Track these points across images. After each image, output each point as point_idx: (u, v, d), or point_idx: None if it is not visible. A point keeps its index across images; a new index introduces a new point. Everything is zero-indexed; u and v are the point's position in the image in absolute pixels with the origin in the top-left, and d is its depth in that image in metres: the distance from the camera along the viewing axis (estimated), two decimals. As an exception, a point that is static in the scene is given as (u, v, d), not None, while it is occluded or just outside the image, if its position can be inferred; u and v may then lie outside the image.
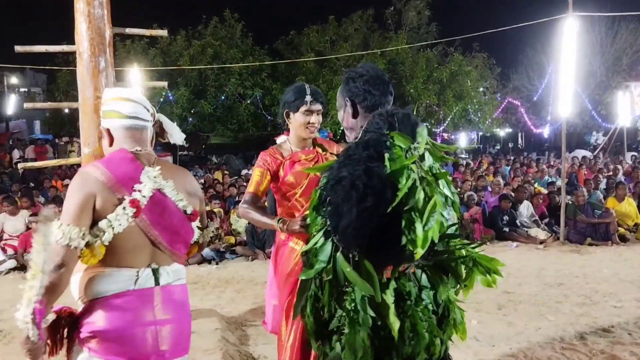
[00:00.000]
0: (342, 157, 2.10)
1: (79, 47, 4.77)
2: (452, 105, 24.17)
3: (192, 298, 6.07)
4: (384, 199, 1.93)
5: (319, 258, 2.06)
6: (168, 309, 2.12)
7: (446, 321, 2.22)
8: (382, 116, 2.18)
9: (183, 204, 2.19)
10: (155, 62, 20.24)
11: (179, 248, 2.21)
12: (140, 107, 2.22)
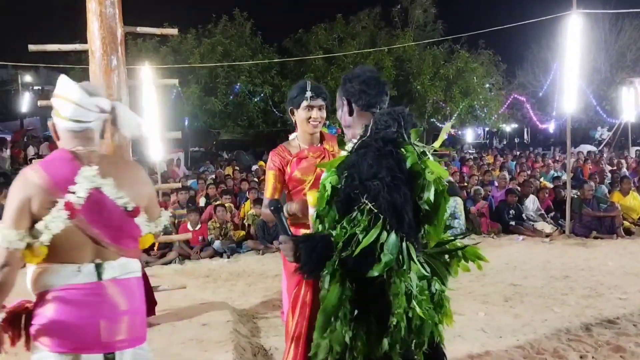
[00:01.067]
0: (365, 153, 2.16)
1: (91, 46, 4.85)
2: (458, 102, 24.29)
3: (204, 291, 6.36)
4: (412, 190, 2.11)
5: (387, 252, 2.03)
6: (113, 301, 2.13)
7: (439, 310, 2.27)
8: (391, 115, 2.26)
9: (123, 201, 2.18)
10: (167, 60, 20.35)
11: (126, 243, 2.21)
12: (81, 109, 2.15)
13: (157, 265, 7.99)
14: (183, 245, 8.42)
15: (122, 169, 2.27)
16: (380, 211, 2.05)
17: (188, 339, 4.74)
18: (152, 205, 2.36)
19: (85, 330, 2.09)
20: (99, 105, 2.19)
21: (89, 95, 2.17)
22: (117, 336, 2.13)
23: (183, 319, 5.30)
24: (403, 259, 2.06)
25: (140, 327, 2.25)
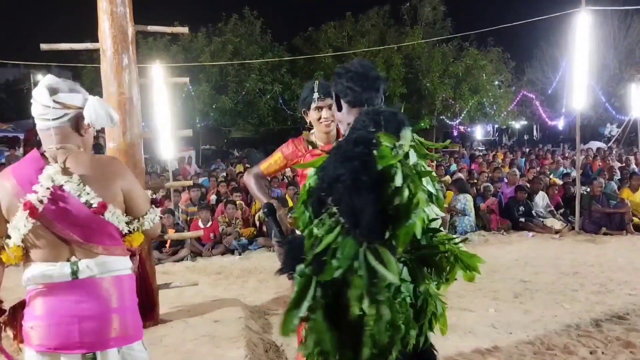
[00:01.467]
0: (334, 155, 2.12)
1: (102, 45, 4.83)
2: (467, 99, 24.30)
3: (216, 288, 6.41)
4: (380, 193, 2.02)
5: (340, 256, 1.99)
6: (89, 301, 2.11)
7: (423, 314, 2.21)
8: (369, 114, 2.19)
9: (86, 198, 2.11)
10: (177, 58, 20.48)
11: (100, 241, 2.16)
12: (43, 108, 2.14)
13: (169, 262, 8.06)
14: (195, 243, 8.48)
15: (91, 165, 2.17)
16: (341, 214, 2.01)
17: (200, 335, 4.79)
18: (132, 200, 2.24)
19: (62, 329, 2.09)
20: (61, 102, 2.15)
21: (52, 94, 2.14)
22: (97, 335, 2.11)
23: (195, 316, 5.35)
24: (359, 264, 1.99)
25: (127, 326, 2.19)
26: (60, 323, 2.09)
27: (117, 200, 2.17)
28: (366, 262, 1.99)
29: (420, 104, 24.62)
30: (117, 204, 2.17)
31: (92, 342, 2.10)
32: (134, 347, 2.21)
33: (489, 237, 9.36)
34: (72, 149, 2.18)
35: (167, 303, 5.55)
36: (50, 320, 2.09)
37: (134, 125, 4.89)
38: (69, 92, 2.17)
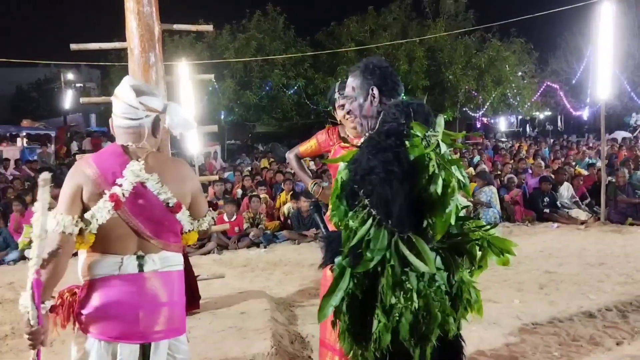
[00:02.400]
0: (366, 148, 2.15)
1: (130, 44, 4.91)
2: (490, 90, 24.09)
3: (242, 280, 6.52)
4: (414, 183, 2.04)
5: (373, 248, 2.05)
6: (153, 293, 2.21)
7: (459, 301, 2.23)
8: (399, 107, 2.21)
9: (165, 197, 2.23)
10: (202, 55, 20.64)
11: (166, 237, 2.27)
12: (130, 108, 2.24)
13: (196, 255, 8.17)
14: (221, 236, 8.60)
15: (168, 166, 2.32)
16: (372, 206, 2.07)
17: (227, 326, 4.86)
18: (197, 203, 2.39)
19: (125, 319, 2.18)
20: (147, 105, 2.26)
21: (137, 95, 2.24)
22: (155, 327, 2.21)
23: (222, 308, 5.44)
24: (391, 254, 2.05)
25: (178, 319, 2.30)
26: (123, 314, 2.18)
27: (186, 201, 2.34)
28: (398, 253, 2.05)
29: (443, 96, 24.49)
30: (186, 205, 2.34)
31: (150, 333, 2.20)
32: (181, 340, 2.33)
33: (513, 229, 9.31)
34: (149, 148, 2.31)
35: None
36: (113, 311, 2.17)
37: (162, 122, 5.00)
38: (154, 96, 2.31)
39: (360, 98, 2.44)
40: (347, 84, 2.51)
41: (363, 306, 2.16)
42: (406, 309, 2.05)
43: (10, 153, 17.98)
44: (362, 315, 2.17)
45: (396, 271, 2.05)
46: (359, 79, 2.45)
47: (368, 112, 2.42)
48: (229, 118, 23.83)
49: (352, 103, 2.48)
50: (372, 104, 2.41)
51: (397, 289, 2.06)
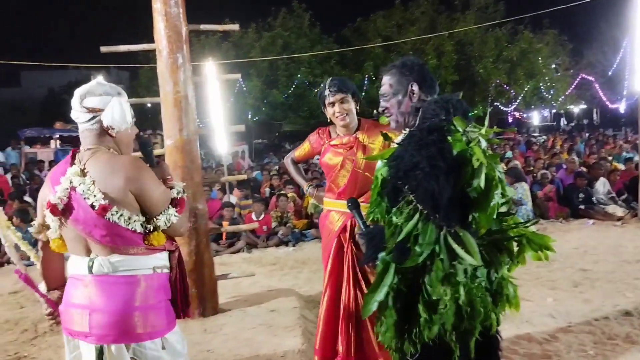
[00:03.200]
0: (408, 144, 2.16)
1: (158, 45, 4.95)
2: (523, 84, 23.74)
3: (272, 279, 6.54)
4: (458, 177, 2.08)
5: (422, 242, 2.07)
6: (99, 296, 2.20)
7: (499, 297, 2.24)
8: (438, 103, 2.24)
9: (91, 200, 2.16)
10: (229, 55, 20.79)
11: (112, 241, 2.21)
12: (74, 112, 2.28)
13: (226, 254, 8.26)
14: (250, 235, 8.66)
15: (105, 166, 2.21)
16: (418, 201, 2.08)
17: (258, 324, 4.92)
18: (143, 200, 2.23)
19: (77, 318, 2.23)
20: (88, 107, 2.24)
21: (82, 98, 2.25)
22: (103, 329, 2.19)
23: (252, 305, 5.49)
24: (440, 248, 2.06)
25: (130, 324, 2.22)
26: (76, 312, 2.23)
27: (125, 201, 2.18)
28: (447, 246, 2.06)
29: (473, 91, 24.21)
30: (127, 205, 2.19)
31: (100, 335, 2.20)
32: (146, 346, 2.24)
33: (547, 226, 9.14)
34: (100, 149, 2.26)
35: (226, 293, 5.71)
36: (69, 308, 2.26)
37: (190, 122, 5.03)
38: (98, 95, 2.24)
39: (399, 94, 2.47)
40: (383, 82, 2.53)
41: (407, 300, 2.18)
42: (452, 302, 2.07)
43: (44, 155, 18.35)
44: (407, 309, 2.19)
45: (445, 265, 2.06)
46: (396, 76, 2.48)
47: (407, 109, 2.46)
48: (256, 117, 23.94)
49: (390, 100, 2.50)
50: (412, 100, 2.45)
51: (445, 282, 2.08)
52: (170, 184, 2.38)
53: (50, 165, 16.21)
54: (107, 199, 2.16)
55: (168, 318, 2.32)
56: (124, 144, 2.34)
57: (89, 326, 2.20)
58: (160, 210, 2.24)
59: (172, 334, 2.32)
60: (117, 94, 2.27)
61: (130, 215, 2.19)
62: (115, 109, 2.24)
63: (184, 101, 4.98)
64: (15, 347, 4.73)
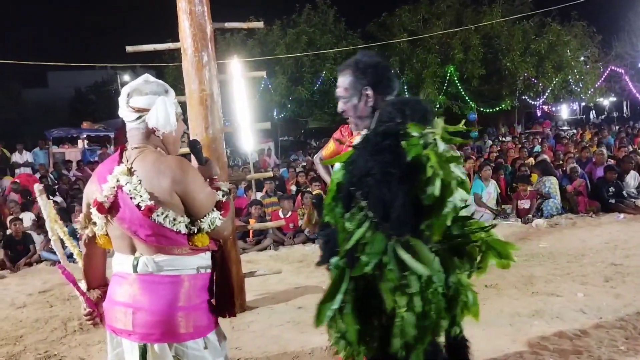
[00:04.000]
0: (362, 148, 2.14)
1: (183, 44, 5.01)
2: (551, 77, 23.33)
3: (299, 276, 6.57)
4: (412, 184, 2.02)
5: (369, 251, 2.04)
6: (143, 295, 2.21)
7: (454, 303, 2.17)
8: (395, 105, 2.19)
9: (137, 200, 2.16)
10: (253, 52, 20.87)
11: (157, 241, 2.21)
12: (122, 110, 2.28)
13: (253, 251, 8.33)
14: (277, 232, 8.71)
15: (152, 166, 2.21)
16: (370, 208, 2.05)
17: (285, 321, 4.96)
18: (188, 203, 2.21)
19: (121, 315, 2.24)
20: (134, 106, 2.25)
21: (129, 97, 2.26)
22: (146, 328, 2.20)
23: (280, 302, 5.54)
24: (389, 258, 2.02)
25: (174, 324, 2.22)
26: (120, 310, 2.24)
27: (171, 202, 2.18)
28: (396, 256, 2.02)
29: (501, 85, 23.88)
30: (172, 206, 2.18)
31: (144, 334, 2.21)
32: (188, 345, 2.24)
33: (577, 220, 9.04)
34: (147, 148, 2.26)
35: (253, 290, 5.76)
36: (114, 306, 2.27)
37: (216, 120, 5.07)
38: (144, 95, 2.24)
39: (354, 98, 2.40)
40: (338, 84, 2.47)
41: (368, 308, 2.14)
42: (408, 313, 2.02)
43: (72, 155, 18.67)
44: (370, 319, 2.16)
45: (395, 275, 2.01)
46: (350, 79, 2.40)
47: (363, 113, 2.40)
48: (282, 114, 23.99)
49: (346, 104, 2.44)
50: (367, 104, 2.38)
51: (397, 293, 2.03)
52: (216, 184, 2.37)
53: (78, 165, 16.48)
54: (153, 200, 2.16)
55: (210, 318, 2.34)
56: (171, 143, 2.35)
57: (132, 324, 2.21)
58: (204, 213, 2.23)
59: (213, 334, 2.34)
60: (164, 93, 2.28)
61: (175, 216, 2.19)
62: (160, 111, 2.23)
63: (209, 99, 5.02)
64: (45, 346, 4.83)
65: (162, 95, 2.26)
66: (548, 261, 6.56)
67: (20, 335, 5.16)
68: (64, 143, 20.62)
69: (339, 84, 2.45)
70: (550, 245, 7.41)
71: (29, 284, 7.20)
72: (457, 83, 23.01)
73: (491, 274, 5.90)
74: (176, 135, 2.35)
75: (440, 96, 22.91)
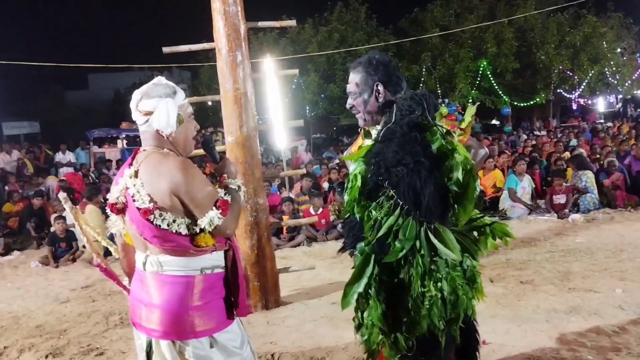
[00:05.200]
0: (389, 140, 2.23)
1: (217, 44, 5.09)
2: (587, 69, 22.82)
3: (332, 271, 6.64)
4: (439, 172, 2.16)
5: (403, 237, 2.13)
6: (147, 292, 2.31)
7: (472, 285, 2.32)
8: (414, 99, 2.28)
9: (138, 203, 2.22)
10: (286, 51, 20.91)
11: (158, 241, 2.26)
12: (134, 114, 2.33)
13: (287, 247, 8.41)
14: (310, 228, 8.77)
15: (153, 169, 2.25)
16: (399, 197, 2.14)
17: (319, 316, 5.00)
18: (187, 204, 2.22)
19: (135, 309, 2.38)
20: (142, 110, 2.29)
21: (137, 102, 2.31)
22: (151, 325, 2.29)
23: (314, 298, 5.58)
24: (420, 243, 2.13)
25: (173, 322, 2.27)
26: (135, 304, 2.38)
27: (170, 205, 2.21)
28: (427, 241, 2.15)
29: (535, 78, 23.47)
30: (171, 208, 2.22)
31: (149, 329, 2.31)
32: (191, 344, 2.29)
33: (615, 215, 8.87)
34: (155, 151, 2.31)
35: (287, 286, 5.83)
36: (132, 300, 2.41)
37: (250, 119, 5.14)
38: (152, 98, 2.28)
39: (365, 94, 2.49)
40: (350, 80, 2.55)
41: (391, 291, 2.25)
42: (437, 297, 2.15)
43: (111, 154, 19.06)
44: (395, 302, 2.26)
45: (425, 260, 2.14)
46: (361, 75, 2.49)
47: (373, 108, 2.48)
48: (314, 112, 24.02)
49: (357, 99, 2.52)
50: (378, 99, 2.46)
51: (426, 277, 2.15)
52: (225, 182, 2.39)
53: (118, 164, 16.85)
54: (152, 202, 2.20)
55: (218, 318, 2.34)
56: (181, 144, 2.37)
57: (141, 319, 2.33)
58: (204, 213, 2.22)
59: (223, 334, 2.35)
60: (172, 94, 2.31)
61: (174, 218, 2.22)
62: (161, 113, 2.27)
63: (243, 98, 5.09)
64: (87, 339, 4.98)
65: (169, 97, 2.29)
66: (585, 257, 6.47)
67: (64, 329, 5.32)
68: (104, 143, 21.08)
69: (350, 80, 2.54)
70: (588, 240, 7.30)
71: (72, 279, 7.42)
72: (490, 77, 22.71)
73: (527, 269, 5.94)
74: (186, 135, 2.38)
75: (473, 91, 22.66)
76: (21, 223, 10.34)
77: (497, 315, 4.66)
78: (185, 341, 2.29)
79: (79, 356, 4.61)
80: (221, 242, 2.37)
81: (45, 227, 10.05)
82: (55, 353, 4.70)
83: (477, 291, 2.38)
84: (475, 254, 2.38)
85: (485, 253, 2.46)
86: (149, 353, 2.35)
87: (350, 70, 2.55)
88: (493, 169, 10.35)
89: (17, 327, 5.48)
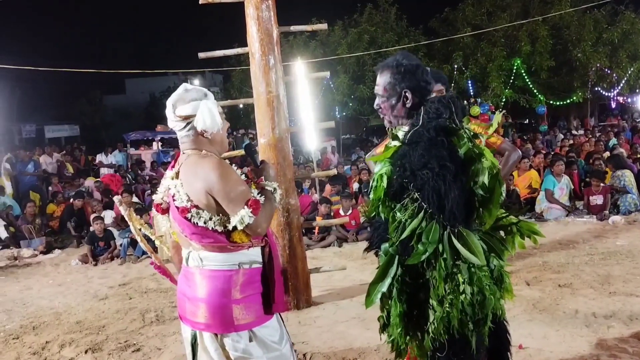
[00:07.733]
0: (416, 143, 2.24)
1: (251, 48, 5.15)
2: (626, 67, 22.32)
3: (363, 272, 6.64)
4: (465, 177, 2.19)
5: (426, 240, 2.16)
6: (190, 286, 2.42)
7: (499, 286, 2.34)
8: (442, 102, 2.30)
9: (177, 202, 2.34)
10: (316, 53, 21.03)
11: (197, 238, 2.37)
12: (170, 122, 2.43)
13: (317, 248, 8.41)
14: (340, 229, 8.75)
15: (190, 169, 2.35)
16: (424, 200, 2.17)
17: (351, 317, 4.99)
18: (220, 202, 2.30)
19: (180, 302, 2.49)
20: (180, 115, 2.37)
21: (174, 109, 2.38)
22: (195, 318, 2.39)
23: (345, 299, 5.57)
24: (443, 247, 2.15)
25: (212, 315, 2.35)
26: (181, 297, 2.49)
27: (205, 203, 2.31)
28: (450, 245, 2.17)
29: (572, 76, 23.01)
30: (207, 207, 2.32)
31: (192, 322, 2.43)
32: (231, 337, 2.37)
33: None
34: (195, 153, 2.40)
35: (318, 286, 5.83)
36: (178, 293, 2.52)
37: (282, 121, 5.17)
38: (188, 102, 2.36)
39: (392, 99, 2.48)
40: (377, 82, 2.54)
41: (416, 294, 2.29)
42: (457, 300, 2.16)
43: (147, 156, 19.57)
44: (417, 303, 2.30)
45: (447, 264, 2.17)
46: (389, 80, 2.47)
47: (399, 113, 2.48)
48: (344, 113, 24.05)
49: (384, 103, 2.51)
50: (405, 105, 2.45)
51: (448, 280, 2.18)
52: (262, 183, 2.47)
53: (152, 166, 17.15)
54: (189, 201, 2.32)
55: (257, 312, 2.41)
56: (218, 142, 2.47)
57: (186, 312, 2.44)
58: (235, 211, 2.29)
59: (263, 328, 2.41)
60: (204, 97, 2.40)
61: (211, 216, 2.33)
62: (205, 114, 2.35)
63: (276, 101, 5.13)
64: (125, 336, 5.08)
65: (203, 99, 2.38)
66: (626, 260, 6.28)
67: (103, 325, 5.45)
68: (140, 145, 21.68)
69: (378, 82, 2.53)
70: (629, 243, 7.08)
71: (110, 277, 7.61)
72: (524, 76, 22.33)
73: (565, 272, 5.81)
74: (222, 133, 2.47)
75: (507, 90, 22.32)
76: (62, 223, 10.68)
77: (534, 319, 4.56)
78: (225, 334, 2.37)
79: (117, 352, 4.71)
80: (257, 239, 2.44)
81: (84, 227, 10.32)
82: (94, 348, 4.82)
83: (506, 291, 2.38)
84: (502, 253, 2.39)
85: (512, 252, 2.46)
86: (194, 345, 2.45)
87: (377, 72, 2.55)
88: (528, 169, 10.16)
89: (58, 323, 5.64)
